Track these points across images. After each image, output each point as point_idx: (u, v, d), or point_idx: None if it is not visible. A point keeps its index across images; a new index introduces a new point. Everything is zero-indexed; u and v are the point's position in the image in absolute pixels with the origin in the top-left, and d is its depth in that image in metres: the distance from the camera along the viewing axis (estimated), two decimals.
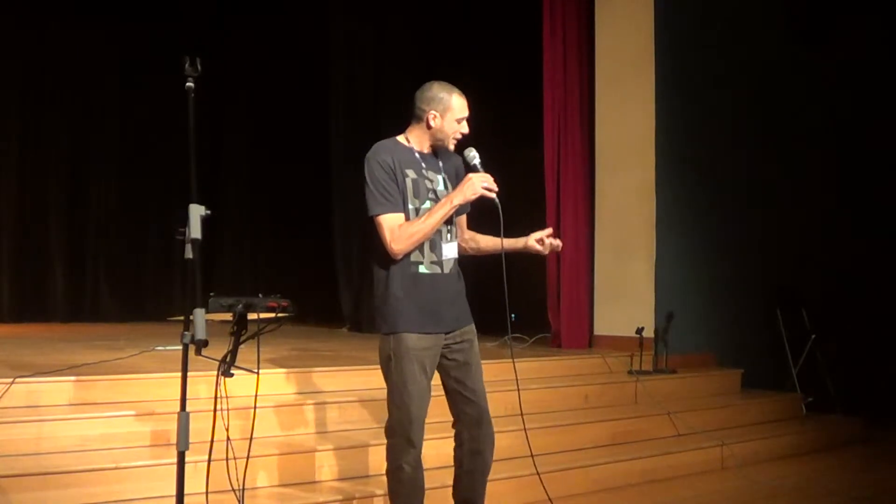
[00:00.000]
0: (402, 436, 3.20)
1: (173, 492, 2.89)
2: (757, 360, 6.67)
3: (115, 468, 3.54)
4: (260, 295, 3.12)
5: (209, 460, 3.12)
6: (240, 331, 3.10)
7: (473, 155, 3.30)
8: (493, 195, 3.20)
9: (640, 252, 6.51)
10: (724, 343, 6.73)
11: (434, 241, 3.25)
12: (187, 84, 2.97)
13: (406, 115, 3.43)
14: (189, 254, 2.87)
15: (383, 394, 4.71)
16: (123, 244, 9.37)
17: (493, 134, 5.87)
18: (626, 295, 6.55)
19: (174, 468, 2.90)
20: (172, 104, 5.10)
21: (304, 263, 9.39)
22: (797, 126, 7.31)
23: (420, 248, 3.21)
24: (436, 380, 3.31)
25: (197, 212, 2.89)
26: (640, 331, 6.00)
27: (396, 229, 3.17)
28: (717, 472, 5.20)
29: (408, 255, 3.20)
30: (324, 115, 8.95)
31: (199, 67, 2.97)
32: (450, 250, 3.30)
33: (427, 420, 3.25)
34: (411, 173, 3.26)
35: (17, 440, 3.63)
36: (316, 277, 9.09)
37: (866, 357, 6.87)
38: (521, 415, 3.63)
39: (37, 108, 9.01)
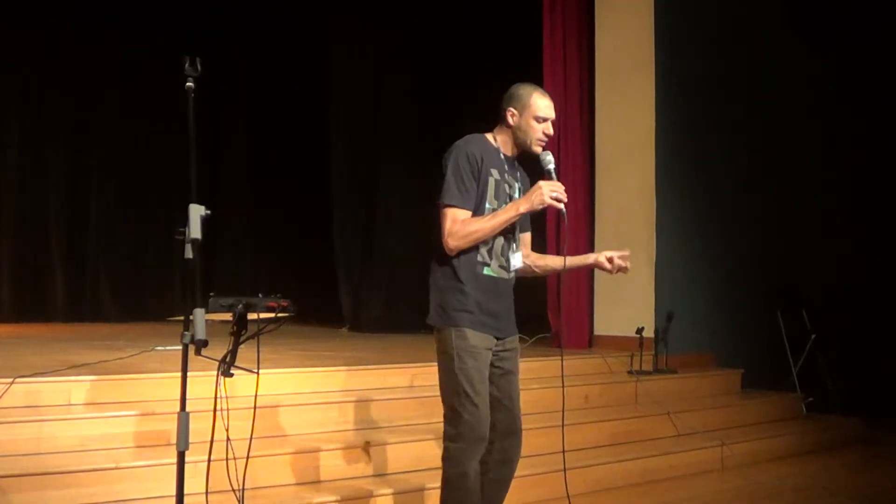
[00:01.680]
0: (472, 439, 3.07)
1: (173, 492, 2.89)
2: (757, 360, 6.67)
3: (115, 468, 3.53)
4: (260, 295, 3.11)
5: (209, 460, 3.11)
6: (240, 331, 3.09)
7: (549, 160, 3.21)
8: (562, 206, 3.09)
9: (640, 252, 6.50)
10: (724, 343, 6.73)
11: (503, 247, 3.19)
12: (187, 84, 2.97)
13: (406, 113, 3.38)
14: (189, 254, 2.87)
15: (383, 393, 4.74)
16: (123, 244, 9.38)
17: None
18: (626, 295, 6.55)
19: (174, 468, 2.90)
20: (173, 104, 5.10)
21: (304, 263, 9.39)
22: (797, 126, 7.31)
23: (490, 250, 3.16)
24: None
25: (197, 212, 2.89)
26: (640, 331, 6.00)
27: (459, 224, 3.09)
28: (717, 472, 5.20)
29: (476, 253, 3.14)
30: (324, 115, 8.96)
31: (199, 67, 2.96)
32: (516, 260, 3.24)
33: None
34: (495, 173, 3.19)
35: (17, 440, 3.62)
36: (316, 277, 9.09)
37: (866, 357, 6.87)
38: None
39: (37, 108, 9.02)
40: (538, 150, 3.23)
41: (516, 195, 3.25)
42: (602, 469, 4.72)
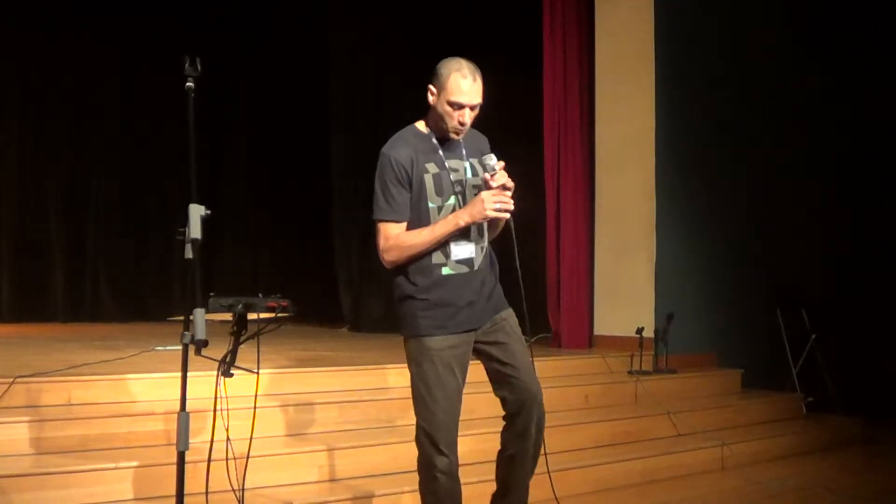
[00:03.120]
0: (430, 444, 2.98)
1: (173, 492, 2.89)
2: (757, 360, 6.66)
3: (115, 468, 3.53)
4: (260, 295, 3.11)
5: (209, 460, 3.12)
6: (240, 331, 3.10)
7: (493, 164, 2.93)
8: (507, 215, 2.90)
9: (640, 252, 6.50)
10: (724, 343, 6.73)
11: (459, 242, 2.99)
12: (187, 84, 2.97)
13: (406, 113, 3.30)
14: (189, 254, 2.87)
15: (383, 393, 4.75)
16: (123, 244, 9.37)
17: (493, 134, 5.87)
18: (626, 295, 6.55)
19: (174, 468, 2.90)
20: (173, 104, 5.10)
21: (304, 263, 9.39)
22: (797, 126, 7.31)
23: (444, 248, 2.97)
24: None
25: (197, 212, 2.89)
26: (640, 331, 6.00)
27: (392, 238, 2.94)
28: (717, 472, 5.20)
29: (430, 255, 2.97)
30: (324, 114, 8.96)
31: (199, 67, 2.97)
32: (465, 250, 3.01)
33: None
34: (432, 167, 2.97)
35: (17, 440, 3.62)
36: (316, 277, 9.10)
37: (866, 357, 6.87)
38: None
39: (37, 108, 9.01)
40: (456, 138, 2.99)
41: (468, 176, 3.03)
42: (602, 469, 4.72)
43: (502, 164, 2.98)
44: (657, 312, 6.33)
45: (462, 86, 2.89)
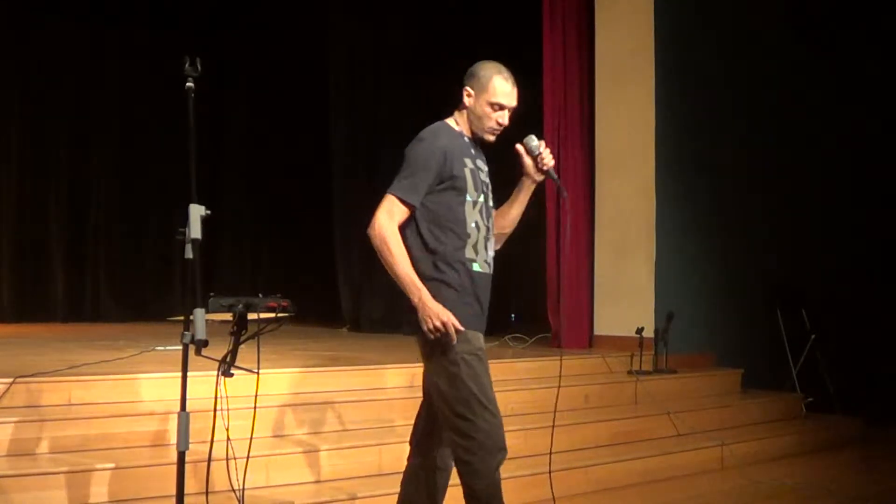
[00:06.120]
0: (491, 448, 2.79)
1: (173, 492, 2.89)
2: (757, 360, 6.67)
3: (115, 468, 3.53)
4: (260, 295, 3.10)
5: (209, 460, 3.12)
6: (240, 331, 3.10)
7: (536, 145, 2.94)
8: (433, 336, 2.76)
9: (640, 252, 6.50)
10: (724, 343, 6.73)
11: (486, 241, 2.95)
12: (187, 84, 2.97)
13: (406, 113, 3.30)
14: (189, 254, 2.87)
15: (382, 394, 4.74)
16: (123, 244, 9.38)
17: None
18: (626, 295, 6.55)
19: (174, 468, 2.90)
20: (173, 104, 5.09)
21: (304, 263, 9.40)
22: (798, 126, 7.31)
23: (475, 245, 2.90)
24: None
25: (197, 212, 2.89)
26: (640, 331, 6.00)
27: (393, 225, 2.84)
28: (717, 472, 5.20)
29: (462, 249, 2.87)
30: (324, 114, 8.96)
31: (199, 67, 2.97)
32: (491, 250, 3.01)
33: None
34: (468, 162, 2.93)
35: (17, 440, 3.62)
36: (316, 277, 9.10)
37: (866, 357, 6.88)
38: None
39: (37, 108, 9.01)
40: (490, 139, 2.98)
41: (488, 179, 3.02)
42: (602, 469, 4.72)
43: (543, 143, 2.98)
44: (657, 312, 6.33)
45: (505, 88, 2.94)
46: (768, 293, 6.96)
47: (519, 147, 3.01)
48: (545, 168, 2.99)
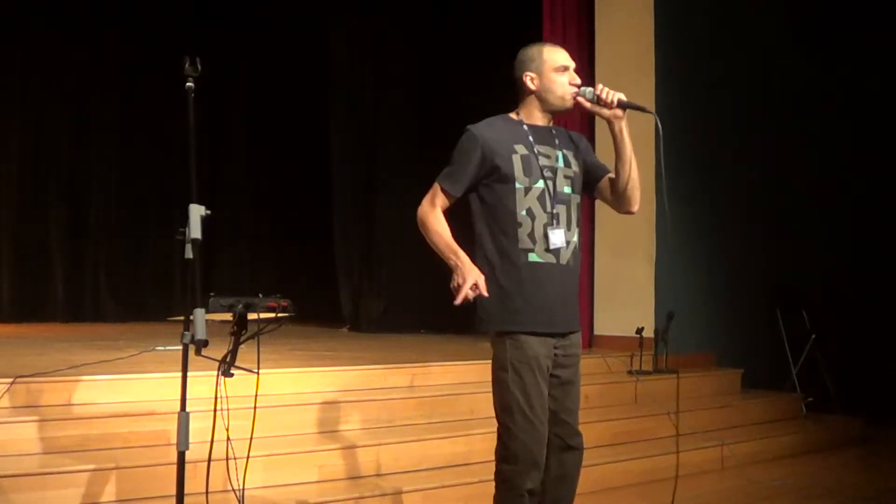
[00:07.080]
0: (526, 461, 2.75)
1: (173, 492, 2.89)
2: (757, 360, 6.67)
3: (115, 468, 3.53)
4: (260, 295, 3.10)
5: (209, 460, 3.12)
6: (240, 331, 3.10)
7: (591, 90, 2.93)
8: (468, 297, 2.75)
9: (640, 252, 6.50)
10: (724, 343, 6.73)
11: (545, 227, 2.88)
12: (187, 84, 2.97)
13: (406, 113, 3.31)
14: (189, 254, 2.87)
15: (383, 394, 4.74)
16: (123, 244, 9.36)
17: None
18: (626, 295, 6.55)
19: (174, 468, 2.90)
20: (173, 104, 5.10)
21: (304, 263, 9.40)
22: (797, 126, 7.31)
23: (531, 233, 2.85)
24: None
25: (197, 212, 2.89)
26: (640, 331, 6.00)
27: (434, 209, 2.91)
28: (717, 472, 5.20)
29: (515, 239, 2.84)
30: (324, 115, 8.96)
31: (199, 67, 2.97)
32: (557, 238, 2.88)
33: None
34: (521, 149, 2.90)
35: (17, 440, 3.62)
36: (316, 277, 9.10)
37: (866, 357, 6.87)
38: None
39: (37, 108, 9.00)
40: (570, 104, 2.98)
41: (560, 164, 2.98)
42: (602, 469, 4.71)
43: (601, 86, 2.95)
44: (657, 312, 6.33)
45: (557, 51, 3.00)
46: (768, 293, 6.96)
47: (581, 101, 2.99)
48: (614, 104, 2.95)
